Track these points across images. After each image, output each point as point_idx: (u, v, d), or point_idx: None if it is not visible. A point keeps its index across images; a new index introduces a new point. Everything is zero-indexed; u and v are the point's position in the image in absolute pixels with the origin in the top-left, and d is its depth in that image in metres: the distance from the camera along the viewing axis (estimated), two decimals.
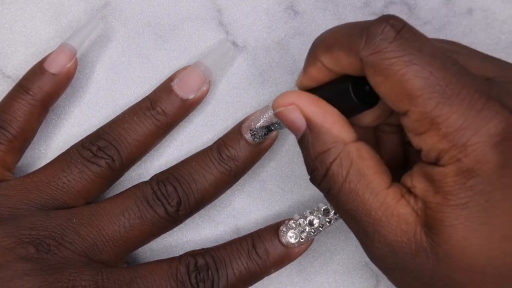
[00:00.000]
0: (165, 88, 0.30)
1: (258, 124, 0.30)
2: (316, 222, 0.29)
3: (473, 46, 0.24)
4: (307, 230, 0.29)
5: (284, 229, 0.29)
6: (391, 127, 0.28)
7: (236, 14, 0.33)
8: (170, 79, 0.31)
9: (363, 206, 0.23)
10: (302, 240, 0.29)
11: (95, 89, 0.29)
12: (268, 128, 0.30)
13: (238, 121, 0.33)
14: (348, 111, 0.25)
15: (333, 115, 0.25)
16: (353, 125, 0.25)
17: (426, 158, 0.22)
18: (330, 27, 0.24)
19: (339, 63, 0.24)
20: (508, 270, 0.22)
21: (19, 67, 0.33)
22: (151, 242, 0.30)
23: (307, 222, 0.29)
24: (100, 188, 0.30)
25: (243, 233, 0.32)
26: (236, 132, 0.30)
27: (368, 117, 0.27)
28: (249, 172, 0.31)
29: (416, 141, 0.23)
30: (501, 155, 0.21)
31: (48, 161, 0.31)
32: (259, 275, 0.29)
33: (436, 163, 0.22)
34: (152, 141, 0.30)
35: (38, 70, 0.30)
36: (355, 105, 0.24)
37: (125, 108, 0.31)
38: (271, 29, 0.33)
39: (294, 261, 0.30)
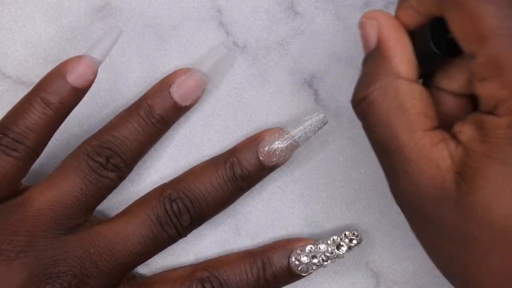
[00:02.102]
0: (165, 95, 0.30)
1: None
2: (329, 253, 0.30)
3: None
4: (320, 262, 0.30)
5: (296, 262, 0.30)
6: None
7: (236, 14, 0.33)
8: (167, 83, 0.31)
9: (397, 142, 0.23)
10: (312, 271, 0.30)
11: (95, 89, 0.29)
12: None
13: (238, 121, 0.33)
14: (427, 58, 0.24)
15: (403, 47, 0.24)
16: (445, 90, 0.24)
17: (484, 106, 0.21)
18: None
19: (424, 1, 0.23)
20: None
21: (19, 67, 0.33)
22: None
23: (321, 258, 0.30)
24: (104, 198, 0.30)
25: (243, 233, 0.32)
26: (251, 152, 0.30)
27: (456, 79, 0.24)
28: None
29: (479, 88, 0.21)
30: None
31: (47, 161, 0.31)
32: None
33: (492, 112, 0.21)
34: (150, 147, 0.31)
35: (61, 83, 0.28)
36: (431, 50, 0.23)
37: (125, 108, 0.31)
38: (271, 29, 0.33)
39: None
